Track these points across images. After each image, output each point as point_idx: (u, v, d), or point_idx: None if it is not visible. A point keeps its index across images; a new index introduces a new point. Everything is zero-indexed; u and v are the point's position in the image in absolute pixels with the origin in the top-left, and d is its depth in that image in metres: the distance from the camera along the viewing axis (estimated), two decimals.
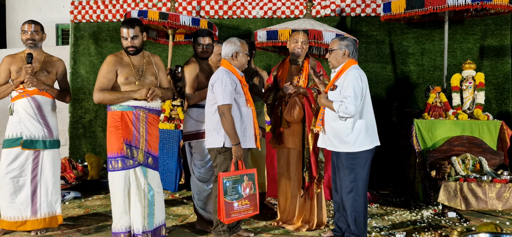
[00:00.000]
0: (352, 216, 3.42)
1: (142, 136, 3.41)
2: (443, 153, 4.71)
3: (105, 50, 6.76)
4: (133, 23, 3.43)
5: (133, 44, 3.42)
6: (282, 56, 6.14)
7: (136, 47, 3.44)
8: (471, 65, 5.08)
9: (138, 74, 3.45)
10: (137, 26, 3.42)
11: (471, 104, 5.06)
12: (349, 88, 3.29)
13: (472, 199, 4.20)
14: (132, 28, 3.39)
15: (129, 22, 3.42)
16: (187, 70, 3.84)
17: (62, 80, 3.96)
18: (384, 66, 6.19)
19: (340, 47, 3.44)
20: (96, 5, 6.79)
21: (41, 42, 3.85)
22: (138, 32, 3.42)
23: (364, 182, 3.42)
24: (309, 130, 3.80)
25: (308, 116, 3.82)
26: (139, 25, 3.45)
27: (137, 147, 3.38)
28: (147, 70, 3.50)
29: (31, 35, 3.75)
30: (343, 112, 3.29)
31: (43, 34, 3.86)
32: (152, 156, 3.48)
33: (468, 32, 5.98)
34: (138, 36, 3.43)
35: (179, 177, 5.53)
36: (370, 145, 3.41)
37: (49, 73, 3.82)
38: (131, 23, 3.42)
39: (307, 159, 3.82)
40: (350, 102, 3.25)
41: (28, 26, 3.77)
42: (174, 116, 5.66)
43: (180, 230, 3.89)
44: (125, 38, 3.41)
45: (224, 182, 3.34)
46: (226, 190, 3.35)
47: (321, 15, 6.25)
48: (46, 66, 3.82)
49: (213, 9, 6.52)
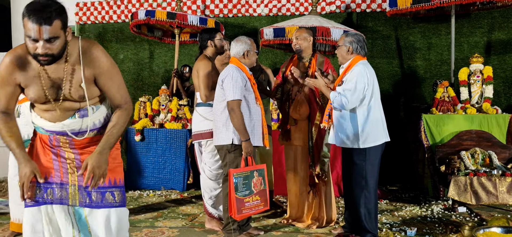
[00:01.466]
0: (363, 212, 3.41)
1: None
2: (452, 148, 4.68)
3: (110, 51, 6.78)
4: (48, 15, 1.87)
5: (48, 51, 1.94)
6: (287, 54, 6.13)
7: (54, 55, 1.98)
8: (478, 59, 5.05)
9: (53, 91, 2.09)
10: (57, 19, 1.91)
11: (479, 98, 5.03)
12: (351, 82, 3.29)
13: (482, 194, 4.18)
14: (48, 25, 1.88)
15: (40, 11, 1.86)
16: (201, 68, 3.77)
17: None
18: (390, 62, 6.17)
19: (345, 43, 3.44)
20: (101, 6, 6.80)
21: None
22: (58, 31, 1.93)
23: (374, 179, 3.41)
24: (313, 124, 3.80)
25: (313, 111, 3.82)
26: (61, 18, 1.93)
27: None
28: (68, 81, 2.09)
29: None
30: (338, 103, 3.29)
31: None
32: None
33: (475, 26, 5.94)
34: (59, 37, 1.96)
35: (187, 177, 5.54)
36: (380, 140, 3.40)
37: None
38: (44, 13, 1.86)
39: (311, 154, 3.82)
40: (348, 95, 3.24)
41: None
42: (181, 116, 5.66)
43: (190, 229, 3.90)
44: (34, 39, 1.90)
45: (235, 179, 3.34)
46: (237, 186, 3.35)
47: (326, 12, 6.23)
48: None
49: (218, 8, 6.52)
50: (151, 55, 6.74)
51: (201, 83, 3.76)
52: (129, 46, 6.78)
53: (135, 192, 5.45)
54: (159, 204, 4.85)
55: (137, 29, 6.05)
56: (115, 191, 2.28)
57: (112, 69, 2.17)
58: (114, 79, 2.18)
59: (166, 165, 5.54)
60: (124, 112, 2.21)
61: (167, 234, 3.74)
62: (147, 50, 6.74)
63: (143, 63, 6.76)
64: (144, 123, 5.64)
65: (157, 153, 5.57)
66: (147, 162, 5.60)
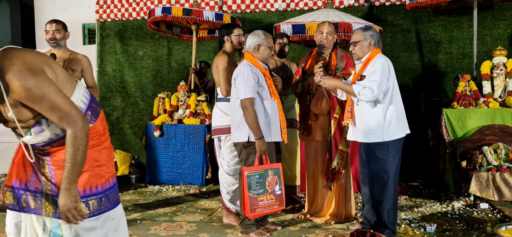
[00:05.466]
0: (384, 207, 3.37)
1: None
2: (474, 143, 4.59)
3: (130, 48, 6.87)
4: None
5: None
6: (306, 49, 6.10)
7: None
8: (502, 52, 4.92)
9: None
10: None
11: (502, 91, 4.91)
12: (376, 73, 3.24)
13: (505, 190, 4.09)
14: None
15: None
16: (220, 63, 3.77)
17: (87, 77, 3.95)
18: (410, 56, 6.07)
19: (365, 38, 3.40)
20: (121, 4, 6.89)
21: (64, 41, 3.87)
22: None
23: (395, 173, 3.37)
24: (332, 117, 3.78)
25: (334, 107, 3.79)
26: None
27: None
28: None
29: (52, 34, 3.80)
30: (365, 95, 3.24)
31: (65, 32, 3.88)
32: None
33: (499, 18, 5.78)
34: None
35: (206, 172, 5.59)
36: (402, 133, 3.37)
37: (74, 71, 3.85)
38: None
39: (329, 149, 3.80)
40: (375, 86, 3.21)
41: (50, 26, 3.82)
42: (199, 111, 5.71)
43: (208, 224, 3.93)
44: None
45: (248, 177, 3.33)
46: (250, 185, 3.33)
47: (344, 6, 6.16)
48: (71, 64, 3.84)
49: (235, 4, 6.52)
50: (169, 52, 6.80)
51: (221, 78, 3.77)
52: (148, 43, 6.85)
53: (154, 187, 5.52)
54: (178, 199, 4.91)
55: (155, 26, 6.11)
56: (90, 201, 2.07)
57: (30, 94, 1.77)
58: (41, 103, 1.80)
59: (185, 160, 5.60)
60: (71, 134, 1.86)
61: (185, 228, 3.79)
62: (165, 47, 6.81)
63: (162, 60, 6.83)
64: (163, 119, 5.71)
65: (176, 149, 5.64)
66: (166, 157, 5.67)
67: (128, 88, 6.90)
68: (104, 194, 2.13)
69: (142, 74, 6.86)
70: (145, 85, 6.85)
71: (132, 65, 6.87)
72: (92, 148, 2.06)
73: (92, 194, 2.08)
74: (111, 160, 2.21)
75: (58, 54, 3.82)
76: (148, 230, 3.75)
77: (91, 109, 2.06)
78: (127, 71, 6.88)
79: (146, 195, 5.11)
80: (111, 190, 2.18)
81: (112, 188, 2.18)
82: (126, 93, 6.92)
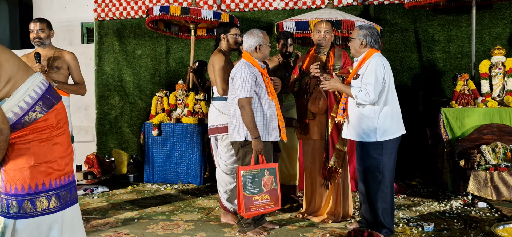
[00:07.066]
0: (379, 207, 3.37)
1: None
2: (472, 142, 4.58)
3: (128, 46, 6.86)
4: None
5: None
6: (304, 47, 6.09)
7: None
8: (500, 51, 4.92)
9: None
10: None
11: (501, 91, 4.91)
12: (370, 75, 3.25)
13: (503, 189, 4.08)
14: None
15: None
16: (216, 62, 3.77)
17: (74, 73, 3.93)
18: (409, 55, 6.06)
19: (358, 37, 3.40)
20: (119, 3, 6.88)
21: (48, 39, 3.87)
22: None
23: (391, 172, 3.36)
24: (330, 116, 3.77)
25: (331, 106, 3.79)
26: None
27: None
28: None
29: (37, 33, 3.79)
30: (361, 98, 3.25)
31: (50, 31, 3.87)
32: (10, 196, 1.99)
33: (497, 17, 5.78)
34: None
35: (204, 171, 5.58)
36: (396, 133, 3.36)
37: (60, 68, 3.83)
38: None
39: (326, 147, 3.79)
40: (371, 89, 3.21)
41: (34, 25, 3.80)
42: (197, 110, 5.70)
43: (206, 223, 3.92)
44: None
45: (243, 176, 3.32)
46: (245, 184, 3.33)
47: (343, 5, 6.15)
48: (56, 62, 3.83)
49: (234, 2, 6.51)
50: (168, 51, 6.79)
51: (217, 77, 3.76)
52: (146, 42, 6.84)
53: (152, 186, 5.52)
54: (176, 198, 4.90)
55: (154, 25, 6.10)
56: (36, 200, 1.99)
57: None
58: None
59: (183, 159, 5.60)
60: None
61: (183, 227, 3.78)
62: (164, 46, 6.80)
63: (160, 59, 6.82)
64: (161, 118, 5.70)
65: (174, 147, 5.63)
66: (164, 156, 5.66)
67: (126, 86, 6.89)
68: (54, 192, 2.03)
69: (140, 72, 6.85)
70: (143, 84, 6.84)
71: (130, 64, 6.86)
72: (42, 143, 1.96)
73: (38, 191, 1.97)
74: (66, 157, 2.09)
75: (43, 52, 3.81)
76: (145, 229, 3.74)
77: (44, 99, 1.98)
78: (125, 70, 6.87)
79: (143, 194, 5.10)
80: (64, 189, 2.06)
81: (64, 187, 2.07)
82: (124, 92, 6.91)
